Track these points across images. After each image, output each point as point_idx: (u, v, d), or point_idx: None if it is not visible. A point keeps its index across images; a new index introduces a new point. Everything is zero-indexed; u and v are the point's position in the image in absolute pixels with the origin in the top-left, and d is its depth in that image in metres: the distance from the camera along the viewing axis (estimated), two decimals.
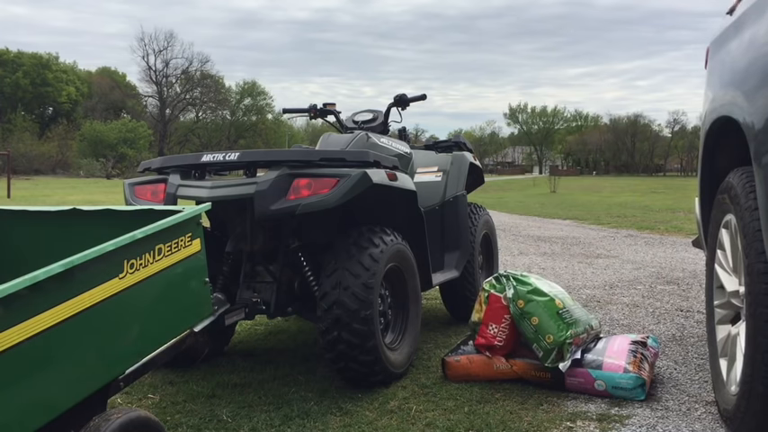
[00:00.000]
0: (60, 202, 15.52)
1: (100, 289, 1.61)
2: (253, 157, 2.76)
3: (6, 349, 1.35)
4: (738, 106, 2.19)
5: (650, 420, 2.46)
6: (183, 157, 2.90)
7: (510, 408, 2.58)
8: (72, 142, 49.84)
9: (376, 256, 2.73)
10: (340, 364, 2.72)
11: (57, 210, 2.21)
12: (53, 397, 1.50)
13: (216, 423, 2.47)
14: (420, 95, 3.93)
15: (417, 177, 3.63)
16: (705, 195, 2.79)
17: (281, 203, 2.57)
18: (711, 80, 2.74)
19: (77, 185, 28.91)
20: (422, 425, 2.43)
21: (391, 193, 2.92)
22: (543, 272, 5.95)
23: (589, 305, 4.44)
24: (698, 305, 4.39)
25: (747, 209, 2.12)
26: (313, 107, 4.01)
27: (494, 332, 2.90)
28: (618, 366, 2.70)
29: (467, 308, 3.68)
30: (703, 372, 3.01)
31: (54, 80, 54.95)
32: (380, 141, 3.43)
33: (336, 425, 2.43)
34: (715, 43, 2.85)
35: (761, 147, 1.96)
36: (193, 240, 1.99)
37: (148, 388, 2.88)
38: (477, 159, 4.21)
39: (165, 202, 2.75)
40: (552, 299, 2.84)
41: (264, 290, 2.89)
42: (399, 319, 3.02)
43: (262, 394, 2.77)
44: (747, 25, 2.30)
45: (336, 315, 2.64)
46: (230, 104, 64.26)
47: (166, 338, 1.91)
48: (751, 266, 2.06)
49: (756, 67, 2.09)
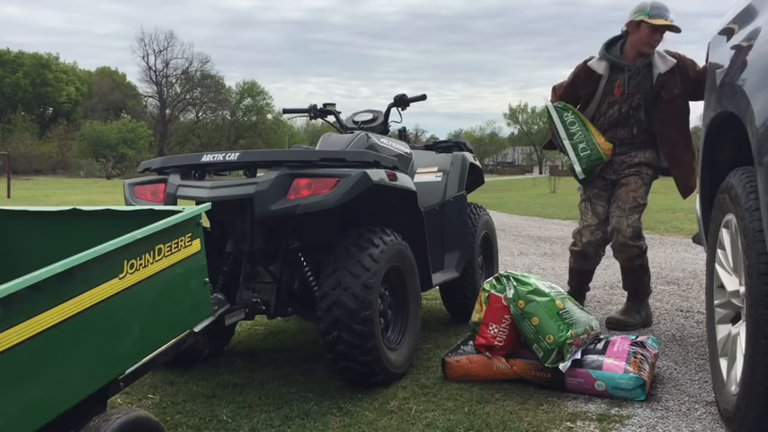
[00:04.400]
0: (60, 203, 15.52)
1: (100, 289, 1.61)
2: (253, 158, 2.76)
3: (6, 349, 1.35)
4: (740, 103, 2.19)
5: (650, 420, 2.46)
6: (182, 157, 2.90)
7: (510, 408, 2.58)
8: (72, 142, 49.84)
9: (376, 256, 2.73)
10: (340, 365, 2.72)
11: (57, 210, 2.21)
12: (53, 397, 1.50)
13: (216, 423, 2.47)
14: (420, 96, 3.93)
15: (417, 177, 3.63)
16: (705, 195, 2.79)
17: (281, 204, 2.57)
18: (712, 77, 2.74)
19: (77, 186, 28.91)
20: (422, 425, 2.43)
21: (391, 193, 2.92)
22: (543, 272, 5.95)
23: (589, 305, 4.44)
24: (698, 305, 4.39)
25: (748, 209, 2.12)
26: (313, 107, 4.01)
27: (494, 332, 2.90)
28: (618, 367, 2.70)
29: (467, 308, 3.68)
30: (703, 372, 3.00)
31: (54, 80, 54.91)
32: (380, 142, 3.43)
33: (336, 425, 2.43)
34: (716, 40, 2.85)
35: (763, 144, 1.96)
36: (193, 240, 1.99)
37: (148, 388, 2.88)
38: (477, 159, 4.21)
39: (165, 202, 2.75)
40: (553, 299, 2.84)
41: (264, 290, 2.89)
42: (399, 319, 3.02)
43: (262, 394, 2.77)
44: (749, 21, 2.30)
45: (336, 315, 2.64)
46: (230, 105, 64.24)
47: (166, 339, 1.91)
48: (751, 266, 2.06)
49: (759, 64, 2.09)
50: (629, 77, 3.72)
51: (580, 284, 4.10)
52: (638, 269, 3.80)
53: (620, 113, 3.77)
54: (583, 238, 3.87)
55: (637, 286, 3.89)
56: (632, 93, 3.73)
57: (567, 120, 3.79)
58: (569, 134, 3.77)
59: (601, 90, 3.78)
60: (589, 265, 4.00)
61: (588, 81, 3.81)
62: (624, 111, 3.76)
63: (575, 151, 3.76)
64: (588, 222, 3.85)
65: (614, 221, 3.71)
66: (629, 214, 3.68)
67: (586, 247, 3.86)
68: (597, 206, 3.85)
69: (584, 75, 3.82)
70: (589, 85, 3.81)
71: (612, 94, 3.76)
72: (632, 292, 3.91)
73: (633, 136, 3.79)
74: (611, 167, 3.83)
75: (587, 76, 3.81)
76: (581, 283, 4.10)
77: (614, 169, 3.82)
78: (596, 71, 3.78)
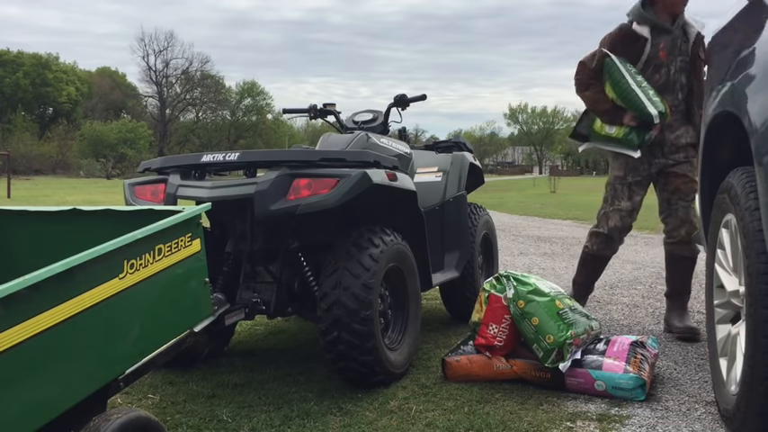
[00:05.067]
0: (60, 203, 15.52)
1: (100, 289, 1.61)
2: (253, 158, 2.76)
3: (6, 349, 1.35)
4: (740, 103, 2.19)
5: (650, 420, 2.46)
6: (182, 157, 2.90)
7: (510, 408, 2.58)
8: (72, 142, 49.80)
9: (376, 256, 2.73)
10: (340, 365, 2.72)
11: (57, 210, 2.21)
12: (53, 397, 1.50)
13: (216, 423, 2.47)
14: (420, 96, 3.93)
15: (417, 177, 3.63)
16: (705, 194, 2.79)
17: (281, 203, 2.57)
18: (712, 76, 2.74)
19: (77, 186, 28.91)
20: (422, 425, 2.43)
21: (391, 193, 2.93)
22: (543, 272, 5.95)
23: (589, 305, 4.44)
24: (698, 305, 4.39)
25: (747, 209, 2.12)
26: (313, 107, 4.01)
27: (494, 332, 2.90)
28: (618, 367, 2.70)
29: (467, 308, 3.67)
30: (703, 372, 3.01)
31: (54, 80, 54.90)
32: (380, 142, 3.43)
33: (336, 425, 2.43)
34: (716, 39, 2.85)
35: (763, 144, 1.96)
36: (193, 240, 1.99)
37: (148, 388, 2.88)
38: (477, 159, 4.21)
39: (165, 202, 2.75)
40: (553, 299, 2.84)
41: (264, 290, 2.89)
42: (399, 319, 3.02)
43: (262, 394, 2.77)
44: (749, 20, 2.30)
45: (336, 315, 2.64)
46: (230, 105, 64.23)
47: (166, 339, 1.91)
48: (751, 266, 2.06)
49: (759, 64, 2.09)
50: (671, 38, 3.62)
51: (589, 276, 3.93)
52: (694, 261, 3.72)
53: (667, 77, 3.64)
54: (610, 221, 3.72)
55: (689, 281, 3.77)
56: (677, 54, 3.64)
57: (632, 70, 3.60)
58: (638, 81, 3.56)
59: (646, 54, 3.61)
60: (609, 252, 3.82)
61: (631, 46, 3.63)
62: (672, 74, 3.64)
63: (646, 95, 3.51)
64: (621, 207, 3.69)
65: (682, 213, 3.61)
66: (691, 206, 3.56)
67: (612, 231, 3.72)
68: (635, 194, 3.69)
69: (628, 39, 3.64)
70: (633, 50, 3.63)
71: (658, 56, 3.62)
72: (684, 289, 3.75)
73: (679, 102, 3.66)
74: (659, 148, 3.66)
75: (632, 40, 3.63)
76: (591, 274, 3.93)
77: (663, 152, 3.67)
78: (642, 35, 3.61)
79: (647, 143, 3.60)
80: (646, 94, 3.51)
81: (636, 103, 3.52)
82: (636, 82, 3.55)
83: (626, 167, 3.69)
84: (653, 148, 3.66)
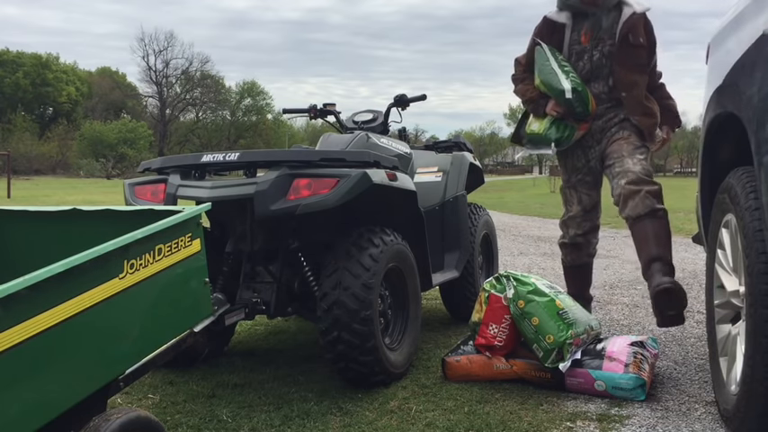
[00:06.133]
0: (60, 202, 15.52)
1: (100, 289, 1.61)
2: (253, 158, 2.77)
3: (6, 349, 1.35)
4: (740, 103, 2.19)
5: (650, 420, 2.46)
6: (182, 157, 2.90)
7: (510, 408, 2.58)
8: (72, 142, 49.81)
9: (376, 256, 2.73)
10: (340, 365, 2.72)
11: (57, 210, 2.21)
12: (53, 397, 1.50)
13: (216, 423, 2.47)
14: (420, 96, 3.94)
15: (417, 177, 3.63)
16: (705, 194, 2.79)
17: (281, 203, 2.57)
18: (712, 76, 2.73)
19: (77, 186, 28.91)
20: (422, 425, 2.43)
21: (391, 193, 2.93)
22: (543, 272, 5.96)
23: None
24: (698, 305, 4.39)
25: (747, 209, 2.12)
26: (313, 107, 4.01)
27: (494, 332, 2.90)
28: (618, 367, 2.70)
29: (467, 308, 3.67)
30: (703, 372, 3.01)
31: (54, 80, 54.88)
32: (380, 142, 3.43)
33: (336, 425, 2.43)
34: (716, 39, 2.85)
35: (762, 144, 1.96)
36: (193, 240, 1.99)
37: (148, 388, 2.88)
38: (477, 159, 4.22)
39: (165, 202, 2.75)
40: (553, 299, 2.84)
41: (264, 290, 2.89)
42: (399, 319, 3.02)
43: (262, 394, 2.77)
44: (749, 20, 2.30)
45: (336, 315, 2.64)
46: (230, 105, 64.22)
47: (166, 339, 1.91)
48: (751, 266, 2.06)
49: (759, 64, 2.09)
50: (593, 22, 3.39)
51: (579, 286, 3.66)
52: (662, 216, 3.15)
53: (591, 64, 3.40)
54: (569, 230, 3.55)
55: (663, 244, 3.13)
56: (602, 38, 3.39)
57: (559, 57, 3.42)
58: (561, 65, 3.35)
59: (567, 40, 3.43)
60: (584, 258, 3.60)
61: (553, 34, 3.46)
62: (596, 59, 3.39)
63: (565, 74, 3.32)
64: (573, 213, 3.52)
65: (617, 167, 3.23)
66: (631, 155, 3.24)
67: (575, 239, 3.54)
68: (582, 194, 3.49)
69: (546, 30, 3.47)
70: (555, 38, 3.45)
71: (579, 42, 3.41)
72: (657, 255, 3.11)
73: (609, 89, 3.40)
74: (589, 137, 3.42)
75: (550, 30, 3.46)
76: (579, 283, 3.67)
77: (595, 138, 3.41)
78: (558, 21, 3.44)
79: (569, 142, 3.40)
80: (566, 74, 3.32)
81: (552, 83, 3.33)
82: (559, 65, 3.36)
83: (567, 169, 3.54)
84: (584, 140, 3.43)
